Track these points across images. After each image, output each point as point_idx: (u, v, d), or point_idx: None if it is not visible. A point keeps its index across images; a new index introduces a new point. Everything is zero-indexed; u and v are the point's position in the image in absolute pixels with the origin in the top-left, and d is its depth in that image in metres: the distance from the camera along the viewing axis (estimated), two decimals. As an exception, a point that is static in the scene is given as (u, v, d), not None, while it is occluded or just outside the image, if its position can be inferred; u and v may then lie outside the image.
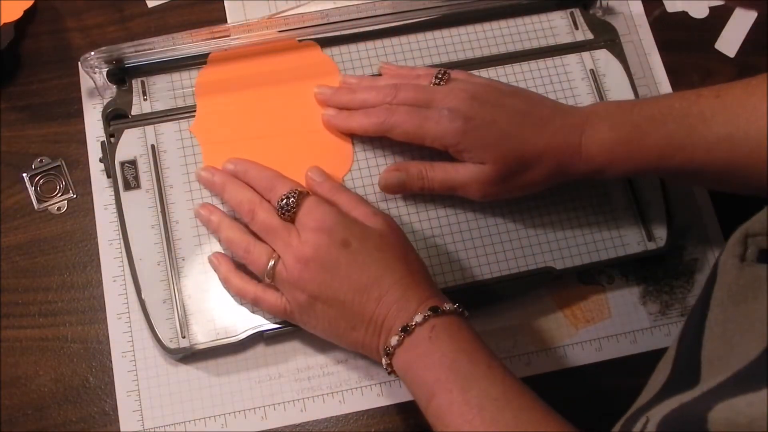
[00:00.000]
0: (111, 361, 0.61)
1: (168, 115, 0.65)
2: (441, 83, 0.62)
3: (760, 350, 0.37)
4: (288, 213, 0.57)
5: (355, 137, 0.65)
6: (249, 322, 0.60)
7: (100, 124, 0.65)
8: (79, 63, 0.64)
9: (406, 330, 0.52)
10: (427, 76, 0.63)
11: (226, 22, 0.70)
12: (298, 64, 0.67)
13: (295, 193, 0.57)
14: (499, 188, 0.59)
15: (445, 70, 0.63)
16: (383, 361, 0.54)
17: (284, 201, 0.57)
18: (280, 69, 0.67)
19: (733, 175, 0.56)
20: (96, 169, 0.66)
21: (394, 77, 0.65)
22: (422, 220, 0.63)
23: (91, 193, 0.65)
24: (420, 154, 0.64)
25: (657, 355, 0.47)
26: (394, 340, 0.52)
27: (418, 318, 0.52)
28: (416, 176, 0.61)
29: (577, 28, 0.71)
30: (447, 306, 0.53)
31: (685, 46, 0.74)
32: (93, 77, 0.65)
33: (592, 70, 0.69)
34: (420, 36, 0.69)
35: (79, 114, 0.67)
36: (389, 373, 0.54)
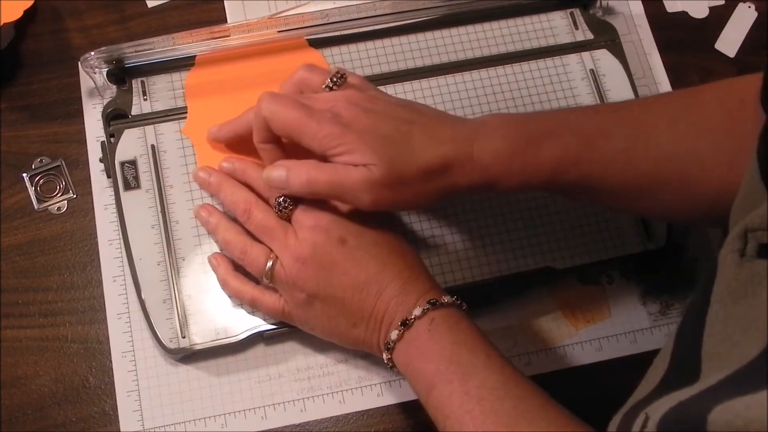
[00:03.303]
0: (111, 361, 0.61)
1: (168, 115, 0.65)
2: (334, 87, 0.58)
3: (760, 350, 0.37)
4: (285, 210, 0.57)
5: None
6: (249, 322, 0.60)
7: (100, 124, 0.65)
8: (79, 63, 0.64)
9: (406, 324, 0.52)
10: (323, 75, 0.59)
11: (226, 22, 0.70)
12: (288, 61, 0.67)
13: (292, 191, 0.57)
14: (390, 194, 0.54)
15: (342, 74, 0.59)
16: (384, 356, 0.54)
17: (282, 198, 0.57)
18: (269, 67, 0.67)
19: (630, 193, 0.55)
20: (96, 169, 0.66)
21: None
22: (422, 220, 0.63)
23: (91, 193, 0.65)
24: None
25: (657, 355, 0.47)
26: (393, 335, 0.52)
27: (417, 311, 0.52)
28: (299, 174, 0.54)
29: (577, 28, 0.71)
30: (445, 299, 0.53)
31: (685, 46, 0.74)
32: (93, 77, 0.65)
33: (592, 70, 0.69)
34: (420, 36, 0.69)
35: (79, 114, 0.67)
36: (390, 368, 0.54)
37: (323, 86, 0.58)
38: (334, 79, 0.58)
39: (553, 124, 0.56)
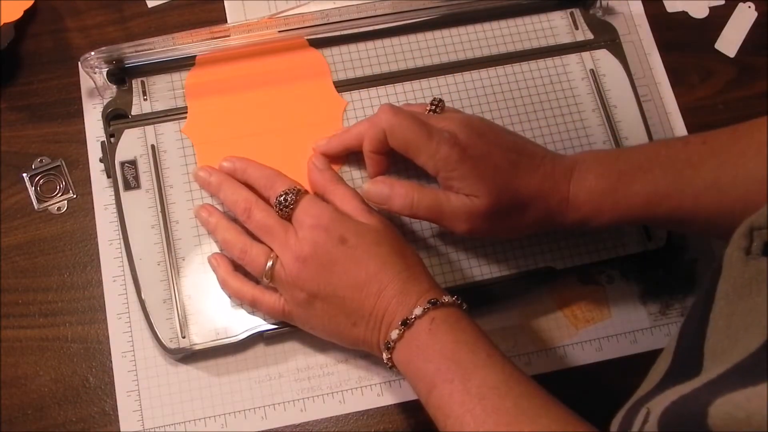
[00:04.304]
0: (111, 361, 0.61)
1: (168, 115, 0.65)
2: (437, 111, 0.61)
3: (760, 343, 0.37)
4: (285, 209, 0.57)
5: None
6: (249, 322, 0.60)
7: (100, 124, 0.65)
8: (79, 63, 0.64)
9: (406, 323, 0.52)
10: (420, 106, 0.62)
11: (226, 22, 0.70)
12: (287, 61, 0.67)
13: (293, 190, 0.57)
14: (487, 225, 0.57)
15: (439, 99, 0.61)
16: (384, 355, 0.54)
17: (282, 197, 0.57)
18: (269, 67, 0.67)
19: (723, 221, 0.54)
20: (96, 169, 0.66)
21: None
22: (422, 220, 0.63)
23: (91, 193, 0.65)
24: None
25: (657, 355, 0.47)
26: (394, 334, 0.52)
27: (418, 311, 0.52)
28: (402, 195, 0.57)
29: (577, 28, 0.71)
30: (446, 298, 0.53)
31: (685, 46, 0.74)
32: (93, 77, 0.65)
33: (592, 70, 0.69)
34: (420, 36, 0.69)
35: (79, 114, 0.67)
36: (390, 368, 0.54)
37: (426, 112, 0.61)
38: (435, 103, 0.61)
39: (642, 160, 0.57)
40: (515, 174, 0.56)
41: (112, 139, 0.64)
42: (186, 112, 0.65)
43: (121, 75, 0.66)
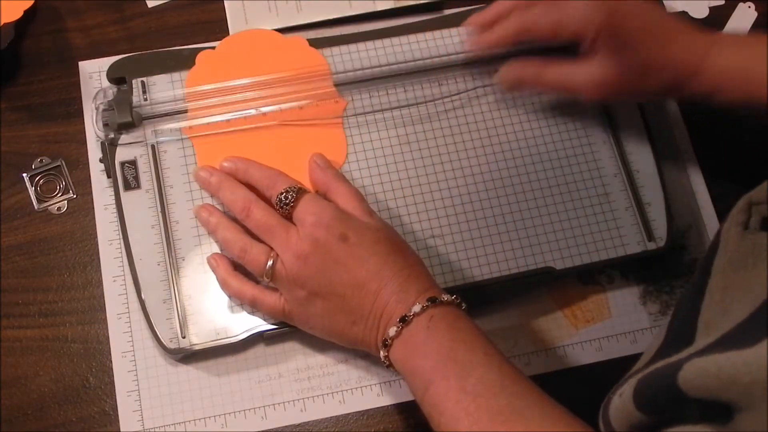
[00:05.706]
0: (111, 361, 0.61)
1: (168, 115, 0.65)
2: None
3: (747, 315, 0.37)
4: (285, 207, 0.57)
5: (349, 130, 0.65)
6: (249, 322, 0.60)
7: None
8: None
9: (404, 320, 0.52)
10: None
11: (226, 22, 0.70)
12: (287, 59, 0.67)
13: (294, 188, 0.57)
14: (613, 91, 0.60)
15: None
16: (381, 353, 0.54)
17: (282, 195, 0.57)
18: (269, 67, 0.67)
19: None
20: (96, 169, 0.66)
21: None
22: (422, 220, 0.64)
23: (91, 193, 0.65)
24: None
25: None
26: (392, 331, 0.53)
27: (416, 308, 0.52)
28: (532, 75, 0.63)
29: (577, 28, 0.71)
30: (445, 297, 0.53)
31: (685, 46, 0.73)
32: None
33: (592, 70, 0.69)
34: (420, 36, 0.69)
35: (79, 114, 0.67)
36: (387, 367, 0.54)
37: None
38: None
39: None
40: (650, 44, 0.58)
41: (112, 139, 0.64)
42: (186, 112, 0.65)
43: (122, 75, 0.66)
